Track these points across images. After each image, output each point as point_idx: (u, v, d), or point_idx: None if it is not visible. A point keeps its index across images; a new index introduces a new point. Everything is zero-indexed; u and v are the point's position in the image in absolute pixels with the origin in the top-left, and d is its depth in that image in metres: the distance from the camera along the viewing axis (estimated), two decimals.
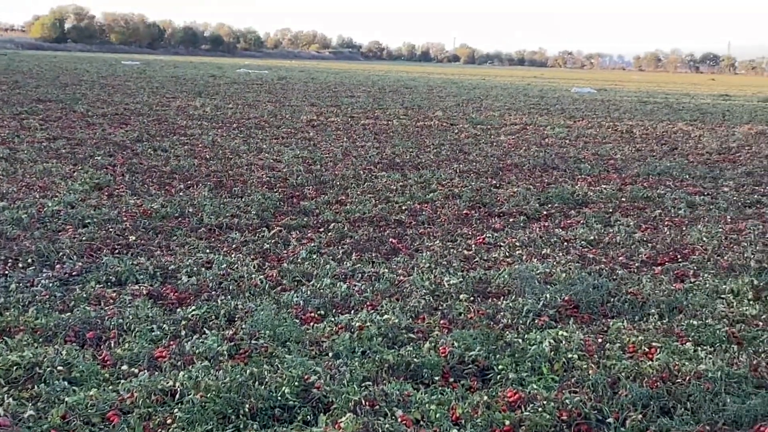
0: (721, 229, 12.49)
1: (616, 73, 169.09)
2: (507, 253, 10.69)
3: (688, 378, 6.47)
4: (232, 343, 6.94)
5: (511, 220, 12.89)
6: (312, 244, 10.74)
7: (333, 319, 7.74)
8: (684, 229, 12.58)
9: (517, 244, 11.21)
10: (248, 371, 6.20)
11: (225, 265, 9.43)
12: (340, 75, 73.21)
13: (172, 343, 7.01)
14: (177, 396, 5.87)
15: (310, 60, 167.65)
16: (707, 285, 9.33)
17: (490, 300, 8.63)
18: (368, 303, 8.31)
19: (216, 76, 57.04)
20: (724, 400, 6.13)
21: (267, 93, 40.50)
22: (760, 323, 8.09)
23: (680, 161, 20.38)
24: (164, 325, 7.35)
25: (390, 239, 11.25)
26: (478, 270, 9.74)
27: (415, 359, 6.71)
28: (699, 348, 7.23)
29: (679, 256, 10.83)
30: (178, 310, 7.89)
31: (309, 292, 8.56)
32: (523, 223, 12.70)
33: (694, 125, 31.76)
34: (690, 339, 7.50)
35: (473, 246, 11.03)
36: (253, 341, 6.98)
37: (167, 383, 6.00)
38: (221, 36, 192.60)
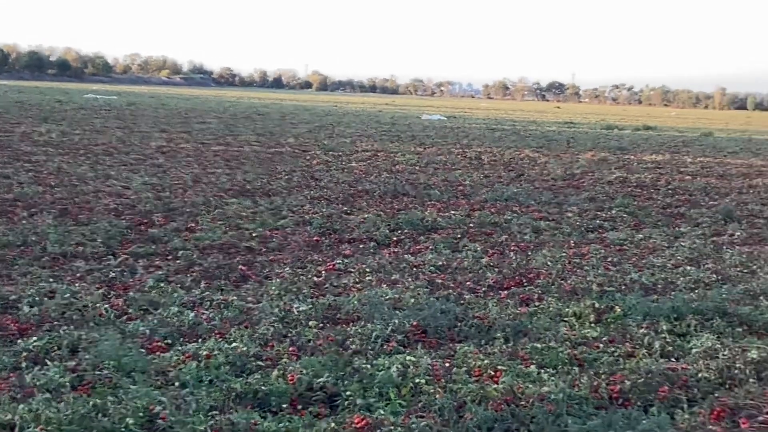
0: (564, 254, 12.81)
1: (466, 101, 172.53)
2: (357, 279, 10.73)
3: (531, 400, 6.60)
4: (75, 374, 6.76)
5: (361, 246, 12.95)
6: (160, 272, 10.58)
7: (180, 347, 7.63)
8: (529, 254, 12.86)
9: (367, 270, 11.26)
10: (91, 403, 6.06)
11: (69, 294, 9.19)
12: (191, 101, 72.56)
13: (11, 375, 6.79)
14: (16, 430, 5.69)
15: (160, 86, 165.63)
16: (551, 308, 9.56)
17: (339, 326, 8.64)
18: (216, 331, 8.22)
19: (62, 101, 55.75)
20: (566, 421, 6.28)
21: (116, 119, 39.77)
22: (601, 345, 8.32)
23: (526, 187, 20.85)
24: (4, 357, 7.13)
25: (239, 266, 11.17)
26: (327, 296, 9.75)
27: (262, 387, 6.67)
28: (542, 370, 7.39)
29: (524, 281, 11.06)
30: (19, 341, 7.65)
31: (156, 321, 8.42)
32: (374, 249, 12.78)
33: (540, 152, 32.56)
34: (534, 362, 7.66)
35: (323, 272, 11.04)
36: (96, 372, 6.81)
37: (6, 416, 5.80)
38: (68, 61, 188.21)
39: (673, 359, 8.06)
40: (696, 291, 10.75)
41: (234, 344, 7.65)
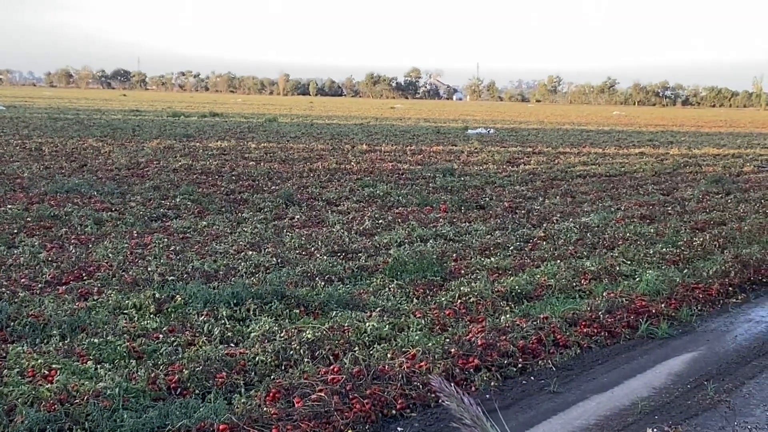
0: (127, 244, 12.62)
1: (27, 89, 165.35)
2: None
3: (86, 397, 6.44)
4: None
5: None
6: None
7: None
8: (90, 246, 12.54)
9: None
10: None
11: None
12: None
13: None
14: None
15: None
16: (110, 301, 9.38)
17: None
18: None
19: None
20: (122, 416, 6.18)
21: None
22: (161, 335, 8.28)
23: (89, 178, 20.21)
24: None
25: None
26: None
27: None
28: (99, 366, 7.24)
29: (84, 274, 10.76)
30: None
31: None
32: None
33: (104, 141, 31.79)
34: (91, 357, 7.49)
35: None
36: None
37: None
38: None
39: (232, 344, 8.20)
40: (256, 275, 11.00)
41: None
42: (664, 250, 13.51)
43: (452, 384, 2.02)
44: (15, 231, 13.39)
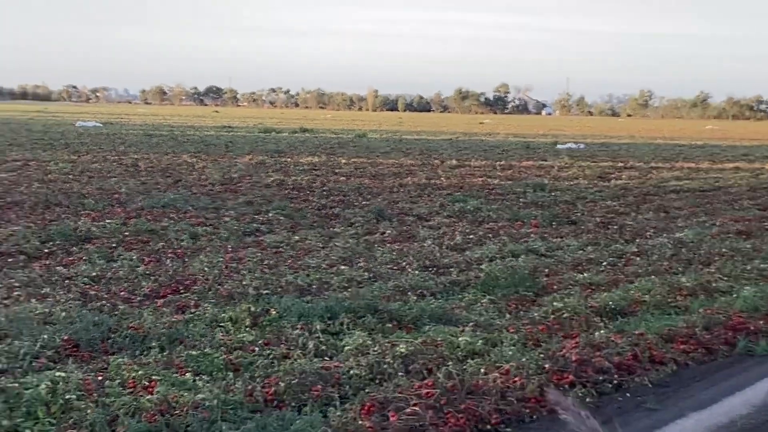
0: (222, 259, 12.81)
1: (123, 107, 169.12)
2: (5, 295, 10.21)
3: (186, 408, 6.55)
4: None
5: (9, 260, 12.32)
6: None
7: None
8: (186, 260, 12.75)
9: (16, 284, 10.73)
10: None
11: None
12: None
13: None
14: None
15: None
16: (207, 314, 9.52)
17: None
18: None
19: None
20: (221, 427, 6.29)
21: None
22: (257, 348, 8.38)
23: (184, 193, 20.59)
24: None
25: None
26: None
27: None
28: (198, 378, 7.36)
29: (181, 288, 10.94)
30: None
31: None
32: (23, 263, 12.20)
33: (198, 157, 32.35)
34: (190, 369, 7.60)
35: None
36: None
37: None
38: None
39: (326, 358, 8.26)
40: (349, 289, 11.08)
41: None
42: (762, 266, 13.27)
43: (568, 397, 2.04)
44: (114, 245, 13.69)
